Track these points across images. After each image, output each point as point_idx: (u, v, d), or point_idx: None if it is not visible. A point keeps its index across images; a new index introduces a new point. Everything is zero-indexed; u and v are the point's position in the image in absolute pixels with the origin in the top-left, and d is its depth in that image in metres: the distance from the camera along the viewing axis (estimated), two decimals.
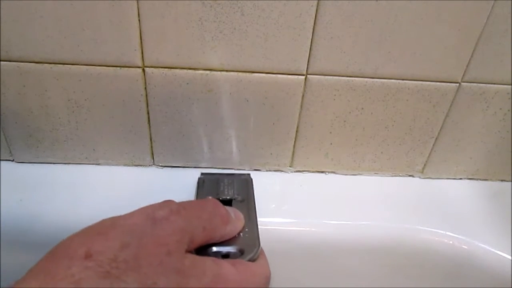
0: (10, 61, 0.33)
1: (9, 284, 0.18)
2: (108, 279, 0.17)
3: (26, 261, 0.36)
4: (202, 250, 0.24)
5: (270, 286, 0.24)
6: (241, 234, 0.26)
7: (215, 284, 0.20)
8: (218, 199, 0.30)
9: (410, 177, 0.43)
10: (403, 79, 0.35)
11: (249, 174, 0.38)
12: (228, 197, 0.33)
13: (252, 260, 0.25)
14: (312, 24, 0.32)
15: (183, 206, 0.22)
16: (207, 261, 0.21)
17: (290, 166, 0.41)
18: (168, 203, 0.23)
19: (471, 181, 0.43)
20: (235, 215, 0.25)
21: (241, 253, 0.24)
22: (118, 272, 0.18)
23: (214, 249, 0.24)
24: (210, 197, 0.26)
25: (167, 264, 0.19)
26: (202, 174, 0.39)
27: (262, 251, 0.26)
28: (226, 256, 0.25)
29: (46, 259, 0.19)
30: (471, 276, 0.36)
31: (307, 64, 0.34)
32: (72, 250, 0.19)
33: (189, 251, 0.21)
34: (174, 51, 0.33)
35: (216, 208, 0.24)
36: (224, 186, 0.35)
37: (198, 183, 0.37)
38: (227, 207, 0.26)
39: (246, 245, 0.25)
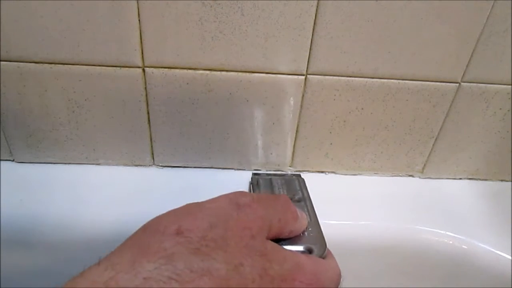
0: (10, 61, 0.33)
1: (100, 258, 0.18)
2: (198, 255, 0.18)
3: (26, 261, 0.37)
4: None
5: None
6: (305, 233, 0.26)
7: (295, 271, 0.20)
8: None
9: (410, 177, 0.43)
10: (403, 79, 0.35)
11: (299, 175, 0.38)
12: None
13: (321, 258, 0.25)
14: (312, 24, 0.32)
15: (261, 196, 0.23)
16: (286, 250, 0.22)
17: (290, 166, 0.41)
18: (246, 192, 0.23)
19: (471, 181, 0.43)
20: (301, 215, 0.26)
21: (309, 251, 0.25)
22: (208, 250, 0.18)
23: (284, 247, 0.24)
24: (282, 194, 0.27)
25: (252, 246, 0.20)
26: (253, 174, 0.39)
27: (329, 250, 0.26)
28: None
29: (138, 234, 0.20)
30: (471, 276, 0.36)
31: (307, 64, 0.34)
32: (163, 226, 0.20)
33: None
34: (174, 51, 0.33)
35: (287, 203, 0.25)
36: (278, 186, 0.36)
37: (252, 183, 0.37)
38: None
39: (314, 244, 0.25)
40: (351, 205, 0.38)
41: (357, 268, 0.38)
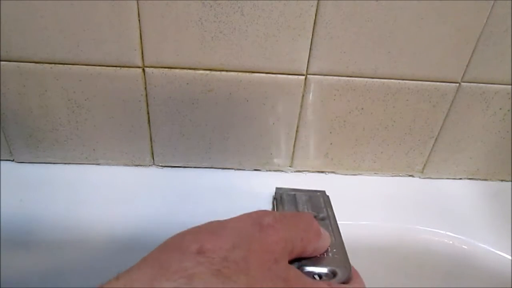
0: (10, 61, 0.33)
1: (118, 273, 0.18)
2: (219, 278, 0.18)
3: (26, 261, 0.37)
4: None
5: None
6: (329, 254, 0.25)
7: None
8: None
9: (410, 177, 0.43)
10: (403, 79, 0.35)
11: (324, 191, 0.37)
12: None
13: (346, 282, 0.24)
14: (312, 24, 0.32)
15: (284, 215, 0.23)
16: (307, 278, 0.21)
17: (290, 166, 0.41)
18: (268, 211, 0.23)
19: (471, 181, 0.43)
20: (324, 233, 0.25)
21: (333, 274, 0.24)
22: (229, 272, 0.18)
23: (307, 269, 0.24)
24: (305, 211, 0.26)
25: (275, 271, 0.19)
26: (277, 189, 0.38)
27: (355, 271, 0.25)
28: (319, 277, 0.24)
29: (159, 250, 0.20)
30: (471, 276, 0.36)
31: (307, 64, 0.34)
32: (185, 245, 0.19)
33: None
34: (174, 51, 0.33)
35: (311, 221, 0.24)
36: (302, 203, 0.35)
37: (276, 198, 0.36)
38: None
39: (337, 266, 0.24)
40: (351, 205, 0.38)
41: (357, 268, 0.37)
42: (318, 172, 0.42)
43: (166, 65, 0.34)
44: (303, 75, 0.35)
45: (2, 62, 0.33)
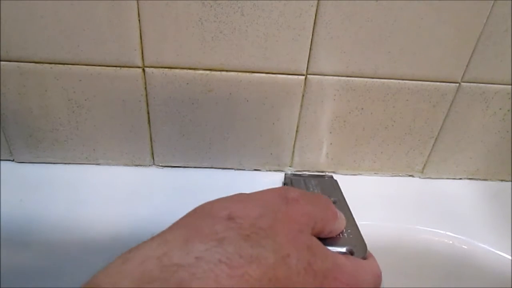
0: (10, 61, 0.33)
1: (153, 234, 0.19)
2: (248, 242, 0.18)
3: (26, 261, 0.37)
4: None
5: None
6: (344, 234, 0.26)
7: (335, 270, 0.21)
8: None
9: (410, 177, 0.43)
10: (403, 79, 0.35)
11: (332, 176, 0.38)
12: None
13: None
14: (312, 24, 0.32)
15: (306, 193, 0.24)
16: (327, 248, 0.22)
17: (290, 166, 0.41)
18: (293, 187, 0.24)
19: (471, 181, 0.43)
20: (340, 215, 0.26)
21: (351, 253, 0.25)
22: (257, 237, 0.19)
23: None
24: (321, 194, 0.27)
25: (299, 239, 0.20)
26: (286, 175, 0.38)
27: (370, 252, 0.26)
28: None
29: (189, 216, 0.21)
30: (471, 276, 0.36)
31: (307, 64, 0.34)
32: (215, 211, 0.20)
33: None
34: (174, 51, 0.33)
35: (328, 203, 0.25)
36: (313, 187, 0.35)
37: (286, 183, 0.37)
38: None
39: (354, 245, 0.25)
40: (351, 205, 0.38)
41: None
42: (318, 172, 0.42)
43: (166, 65, 0.34)
44: (303, 75, 0.35)
45: (2, 62, 0.33)
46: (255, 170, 0.41)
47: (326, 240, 0.24)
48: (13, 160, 0.40)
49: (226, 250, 0.18)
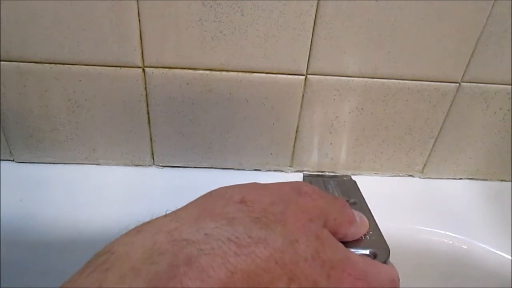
0: (10, 61, 0.33)
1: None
2: (258, 224, 0.19)
3: (26, 261, 0.37)
4: None
5: None
6: (366, 236, 0.25)
7: (345, 263, 0.21)
8: None
9: (410, 177, 0.43)
10: (403, 79, 0.35)
11: (350, 176, 0.37)
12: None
13: (385, 263, 0.24)
14: (312, 24, 0.32)
15: (321, 191, 0.24)
16: (339, 242, 0.22)
17: (290, 166, 0.41)
18: (307, 183, 0.24)
19: (471, 181, 0.43)
20: (361, 219, 0.25)
21: (374, 256, 0.24)
22: (267, 221, 0.19)
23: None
24: (340, 197, 0.26)
25: (309, 228, 0.20)
26: (304, 175, 0.38)
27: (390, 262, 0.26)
28: None
29: (204, 198, 0.22)
30: (471, 276, 0.36)
31: (307, 64, 0.34)
32: (229, 194, 0.21)
33: None
34: (174, 51, 0.33)
35: (345, 206, 0.25)
36: (332, 188, 0.34)
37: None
38: (353, 210, 0.26)
39: (377, 248, 0.25)
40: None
41: None
42: (318, 172, 0.42)
43: (166, 65, 0.34)
44: (303, 75, 0.35)
45: (2, 62, 0.33)
46: (255, 170, 0.41)
47: (348, 243, 0.24)
48: (13, 160, 0.40)
49: (235, 229, 0.18)
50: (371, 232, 0.26)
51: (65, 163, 0.40)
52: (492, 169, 0.42)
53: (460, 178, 0.43)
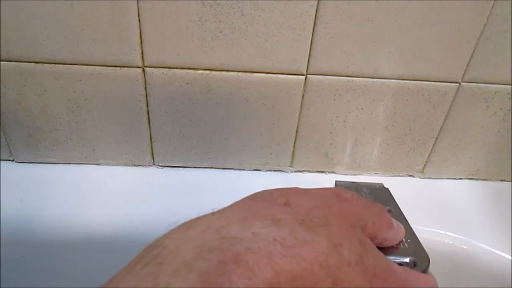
0: (10, 61, 0.33)
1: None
2: (303, 226, 0.19)
3: (26, 261, 0.36)
4: None
5: None
6: (405, 244, 0.25)
7: (386, 271, 0.21)
8: None
9: (410, 177, 0.43)
10: (403, 79, 0.35)
11: (382, 184, 0.37)
12: None
13: (424, 272, 0.24)
14: (312, 24, 0.32)
15: (360, 197, 0.24)
16: (379, 251, 0.22)
17: (290, 166, 0.41)
18: (348, 189, 0.24)
19: (471, 181, 0.43)
20: (397, 225, 0.25)
21: (414, 264, 0.24)
22: (312, 224, 0.19)
23: (388, 257, 0.23)
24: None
25: (352, 233, 0.20)
26: (337, 182, 0.38)
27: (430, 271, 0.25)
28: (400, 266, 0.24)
29: (249, 200, 0.22)
30: (471, 276, 0.36)
31: (307, 64, 0.34)
32: (274, 197, 0.21)
33: None
34: (174, 51, 0.33)
35: (383, 211, 0.25)
36: (365, 196, 0.34)
37: None
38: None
39: (417, 256, 0.24)
40: None
41: None
42: (318, 172, 0.42)
43: (166, 65, 0.34)
44: (303, 75, 0.35)
45: (2, 62, 0.33)
46: (255, 170, 0.41)
47: (386, 250, 0.24)
48: (13, 160, 0.40)
49: (281, 230, 0.18)
50: (409, 240, 0.26)
51: (65, 163, 0.40)
52: (492, 169, 0.42)
53: (460, 178, 0.43)
